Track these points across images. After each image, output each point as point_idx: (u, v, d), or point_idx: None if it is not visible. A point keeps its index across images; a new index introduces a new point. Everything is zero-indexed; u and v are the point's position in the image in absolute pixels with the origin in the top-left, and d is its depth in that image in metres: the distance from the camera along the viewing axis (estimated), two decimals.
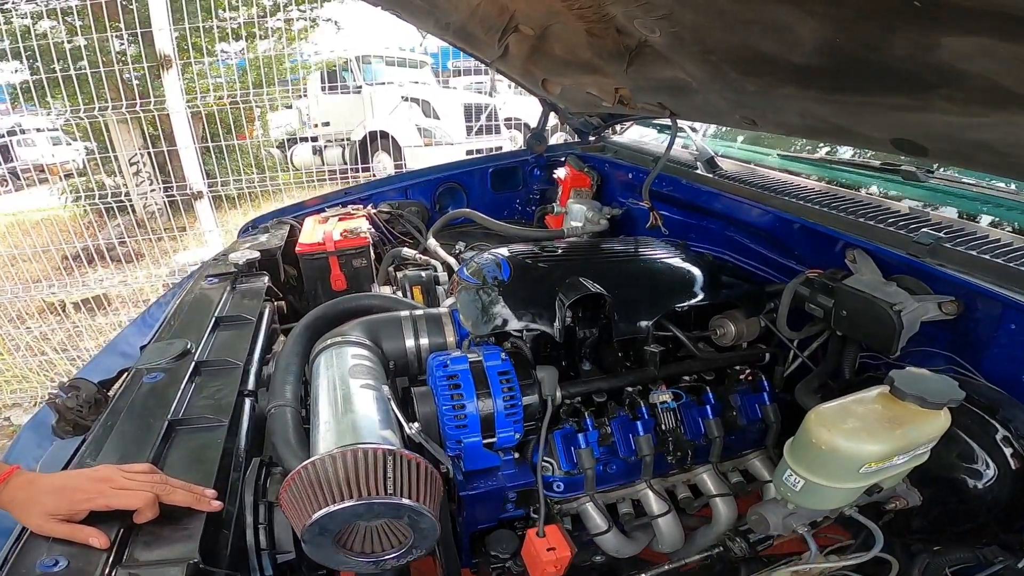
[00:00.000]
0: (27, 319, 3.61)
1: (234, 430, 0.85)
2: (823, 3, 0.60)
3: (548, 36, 1.27)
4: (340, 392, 0.80)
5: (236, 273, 1.31)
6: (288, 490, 0.64)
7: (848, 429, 0.57)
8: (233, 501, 0.75)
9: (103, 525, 0.63)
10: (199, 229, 3.35)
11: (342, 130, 6.31)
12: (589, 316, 0.97)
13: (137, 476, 0.68)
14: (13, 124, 7.65)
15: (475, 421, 0.80)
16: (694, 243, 1.42)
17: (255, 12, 4.24)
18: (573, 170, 1.87)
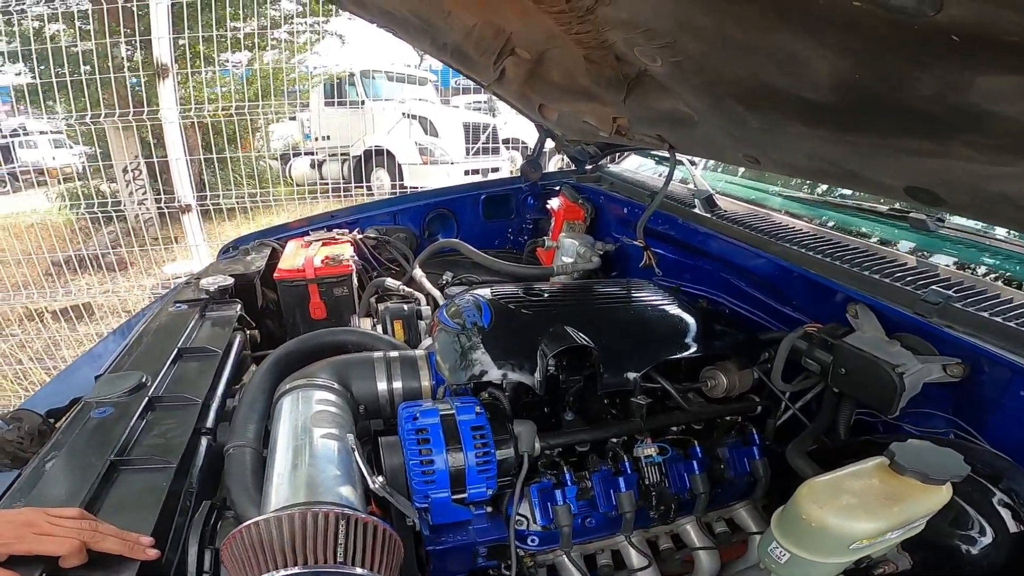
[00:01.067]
0: (6, 326, 3.54)
1: (184, 471, 0.80)
2: (844, 33, 0.56)
3: (545, 61, 1.25)
4: (300, 441, 0.74)
5: (207, 300, 1.25)
6: (229, 548, 0.58)
7: (841, 506, 0.52)
8: (175, 548, 0.69)
9: (23, 568, 0.59)
10: (187, 243, 3.31)
11: (342, 145, 6.31)
12: (574, 365, 0.92)
13: (64, 521, 0.62)
14: (17, 126, 7.68)
15: (444, 477, 0.75)
16: (689, 285, 1.37)
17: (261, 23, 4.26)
18: (567, 201, 1.83)
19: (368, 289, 1.49)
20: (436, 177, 6.28)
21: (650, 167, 2.04)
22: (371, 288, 1.48)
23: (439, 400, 0.84)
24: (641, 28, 0.83)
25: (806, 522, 0.53)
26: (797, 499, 0.54)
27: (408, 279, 1.54)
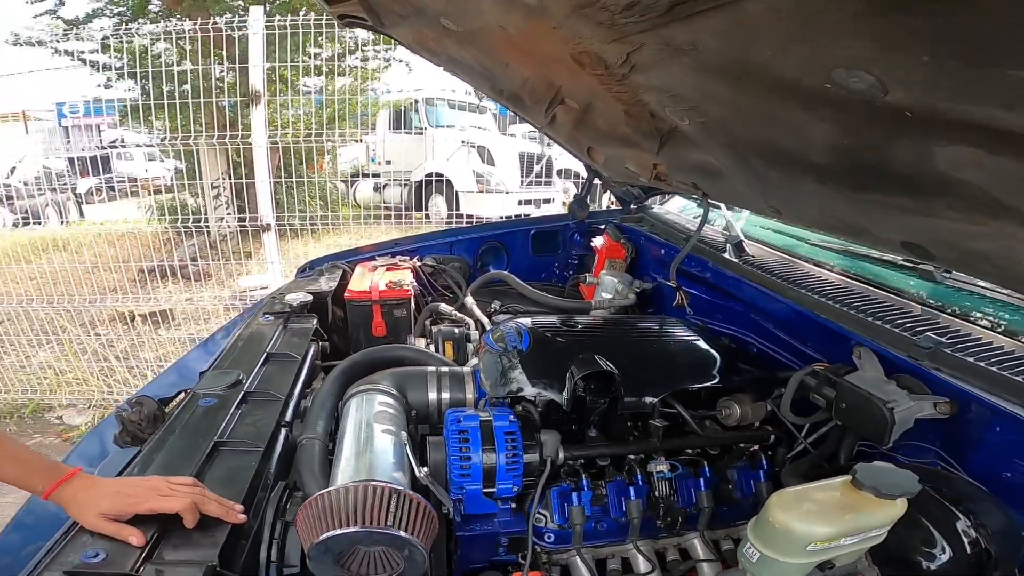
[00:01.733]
0: (97, 326, 3.91)
1: (267, 455, 0.97)
2: (829, 108, 0.65)
3: (592, 110, 1.38)
4: (364, 434, 0.92)
5: (289, 313, 1.46)
6: (304, 512, 0.74)
7: (802, 512, 0.63)
8: (256, 517, 0.85)
9: (143, 526, 0.74)
10: (263, 258, 3.59)
11: (403, 170, 6.57)
12: (600, 389, 1.05)
13: (180, 487, 0.79)
14: (116, 137, 8.43)
15: (478, 472, 0.90)
16: (719, 324, 1.48)
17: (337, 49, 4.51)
18: (610, 240, 1.96)
19: (424, 312, 1.66)
20: (491, 206, 6.45)
21: (692, 209, 2.15)
22: (427, 311, 1.66)
23: (480, 409, 1.00)
24: (668, 93, 0.96)
25: (772, 524, 0.64)
26: (768, 504, 0.65)
27: (460, 305, 1.71)
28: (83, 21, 5.59)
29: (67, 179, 6.95)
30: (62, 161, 7.03)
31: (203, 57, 3.94)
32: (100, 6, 5.62)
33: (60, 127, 10.09)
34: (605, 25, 0.75)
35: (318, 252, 4.07)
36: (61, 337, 3.71)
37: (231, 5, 5.23)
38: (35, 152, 7.82)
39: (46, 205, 6.69)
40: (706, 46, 0.67)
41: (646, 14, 0.65)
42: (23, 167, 7.08)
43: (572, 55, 1.00)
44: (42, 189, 6.55)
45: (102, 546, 0.71)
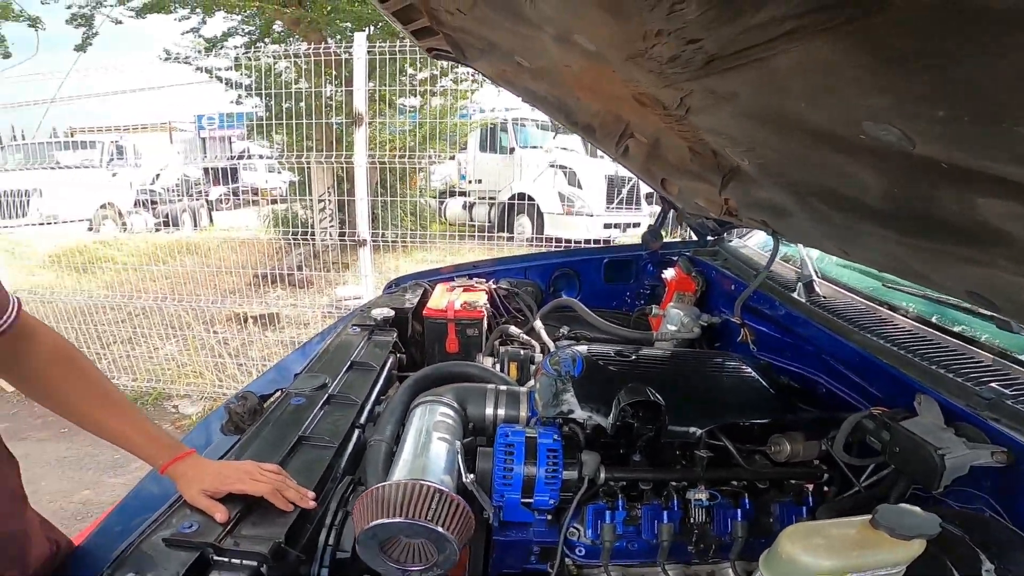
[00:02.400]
0: (216, 324, 4.31)
1: (340, 452, 1.08)
2: (871, 156, 0.65)
3: (660, 145, 1.39)
4: (422, 439, 1.02)
5: (374, 326, 1.61)
6: (361, 501, 0.84)
7: (810, 545, 0.63)
8: (322, 505, 0.95)
9: (230, 504, 0.86)
10: (359, 270, 3.86)
11: (491, 189, 6.76)
12: (646, 417, 1.09)
13: (267, 473, 0.91)
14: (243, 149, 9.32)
15: (518, 481, 0.98)
16: (786, 362, 1.44)
17: (431, 71, 4.76)
18: (681, 272, 1.95)
19: (495, 333, 1.76)
20: (576, 228, 6.44)
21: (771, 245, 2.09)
22: (497, 332, 1.75)
23: (530, 427, 1.07)
24: (724, 135, 0.99)
25: (779, 555, 0.65)
26: (780, 535, 0.67)
27: (529, 329, 1.79)
28: (220, 40, 6.19)
29: (202, 187, 7.86)
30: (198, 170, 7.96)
31: (316, 77, 4.25)
32: (234, 25, 6.21)
33: (198, 138, 11.29)
34: (655, 73, 0.81)
35: (408, 266, 4.34)
36: (185, 333, 4.14)
37: (340, 28, 5.64)
38: (176, 161, 8.91)
39: (183, 211, 7.56)
40: (745, 96, 0.71)
41: (687, 67, 0.70)
42: (166, 174, 8.09)
43: (634, 95, 1.05)
44: (180, 196, 7.44)
45: (196, 519, 0.83)
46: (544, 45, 0.99)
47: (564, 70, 1.16)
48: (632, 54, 0.77)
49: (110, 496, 2.88)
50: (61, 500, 2.86)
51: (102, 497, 2.89)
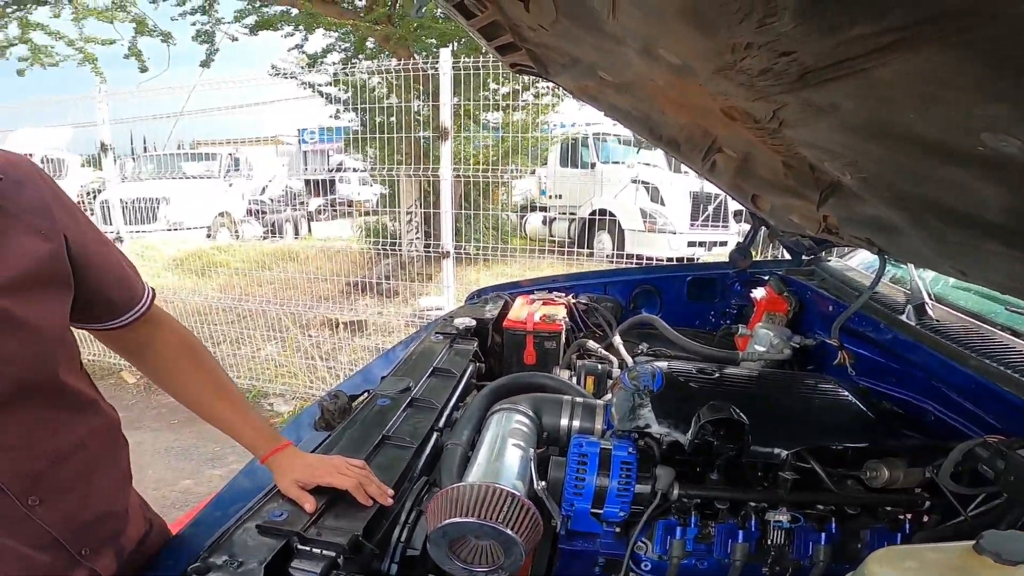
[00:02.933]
0: (311, 329, 4.57)
1: (419, 453, 1.13)
2: (991, 168, 0.60)
3: (750, 159, 1.34)
4: (498, 445, 1.05)
5: (456, 335, 1.67)
6: (435, 500, 0.87)
7: (901, 567, 0.57)
8: (398, 502, 0.99)
9: (318, 496, 0.91)
10: (441, 281, 3.97)
11: (571, 205, 6.67)
12: (728, 435, 1.05)
13: (353, 468, 0.97)
14: (339, 162, 9.92)
15: (589, 492, 0.98)
16: (889, 387, 1.34)
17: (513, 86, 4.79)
18: (772, 292, 1.86)
19: (572, 347, 1.76)
20: (658, 246, 6.27)
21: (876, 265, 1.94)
22: (575, 346, 1.75)
23: (604, 439, 1.06)
24: (822, 149, 0.94)
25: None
26: (869, 558, 0.61)
27: (607, 344, 1.78)
28: (320, 56, 6.57)
29: (303, 198, 8.46)
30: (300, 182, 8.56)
31: (405, 92, 4.42)
32: (332, 42, 6.58)
33: (300, 151, 12.11)
34: (745, 86, 0.79)
35: (488, 279, 4.42)
36: (284, 335, 4.44)
37: (426, 44, 5.84)
38: (282, 173, 9.64)
39: (286, 220, 8.17)
40: (846, 107, 0.68)
41: (780, 79, 0.68)
42: (273, 186, 8.78)
43: (722, 109, 1.03)
44: (284, 206, 8.05)
45: (286, 508, 0.90)
46: (627, 59, 0.99)
47: (648, 84, 1.15)
48: (720, 67, 0.76)
49: (207, 487, 3.11)
50: (164, 488, 3.12)
51: (201, 487, 3.13)
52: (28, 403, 0.77)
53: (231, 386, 1.03)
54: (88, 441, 0.87)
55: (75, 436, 0.85)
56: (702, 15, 0.60)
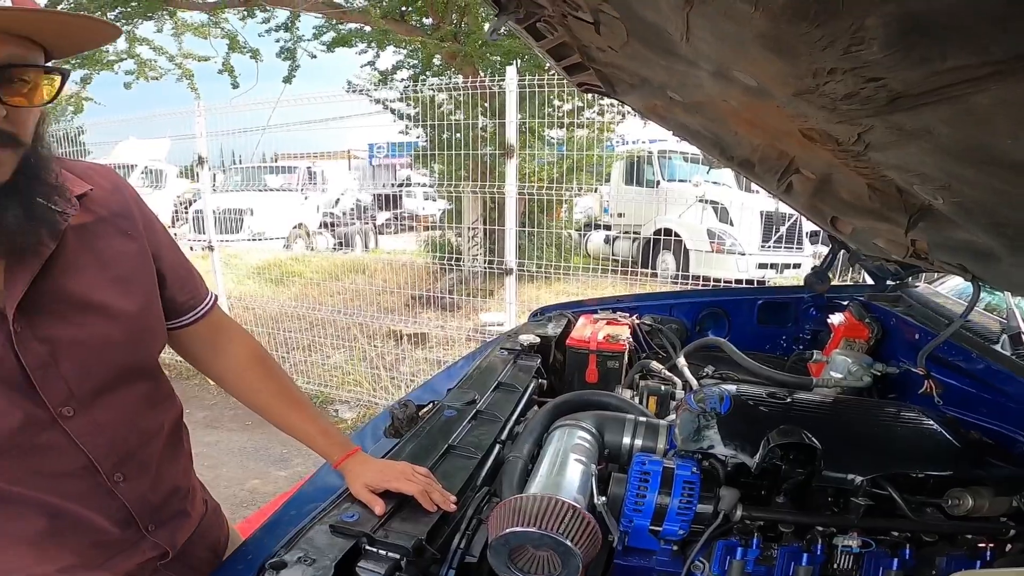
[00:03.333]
0: (376, 339, 4.70)
1: (482, 463, 1.16)
2: None
3: (831, 181, 1.30)
4: (559, 459, 1.06)
5: (519, 351, 1.70)
6: (498, 510, 0.89)
7: None
8: (460, 510, 1.02)
9: (387, 500, 0.95)
10: (503, 298, 4.00)
11: (634, 223, 6.46)
12: (798, 460, 1.02)
13: (419, 475, 1.01)
14: (405, 177, 10.23)
15: (649, 509, 0.98)
16: (979, 417, 1.26)
17: (576, 103, 4.79)
18: (852, 318, 1.78)
19: (635, 367, 1.74)
20: (725, 267, 6.03)
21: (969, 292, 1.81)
22: (638, 367, 1.73)
23: (667, 458, 1.06)
24: (912, 172, 0.90)
25: None
26: None
27: (671, 366, 1.75)
28: (390, 73, 6.77)
29: (371, 211, 8.79)
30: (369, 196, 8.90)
31: (471, 108, 4.52)
32: (401, 58, 6.78)
33: (371, 166, 12.55)
34: (828, 109, 0.77)
35: (548, 297, 4.44)
36: (351, 345, 4.61)
37: (491, 61, 5.95)
38: (353, 187, 10.04)
39: (356, 233, 8.51)
40: (939, 132, 0.65)
41: (866, 104, 0.67)
42: (344, 199, 9.17)
43: (801, 130, 1.01)
44: (354, 219, 8.39)
45: (357, 510, 0.94)
46: (699, 80, 0.99)
47: (721, 104, 1.15)
48: (800, 90, 0.75)
49: (273, 487, 3.25)
50: (234, 487, 3.27)
51: (267, 487, 3.27)
52: (126, 387, 0.86)
53: (301, 395, 1.09)
54: (167, 424, 0.95)
55: (159, 419, 0.93)
56: (782, 41, 0.60)
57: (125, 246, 0.87)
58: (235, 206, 6.71)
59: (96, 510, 0.83)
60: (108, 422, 0.82)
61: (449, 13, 5.93)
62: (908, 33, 0.46)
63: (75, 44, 0.75)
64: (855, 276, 3.06)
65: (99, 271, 0.82)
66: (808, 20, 0.50)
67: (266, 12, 6.27)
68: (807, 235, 6.04)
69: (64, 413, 0.77)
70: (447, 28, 5.80)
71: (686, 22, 0.68)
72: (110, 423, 0.83)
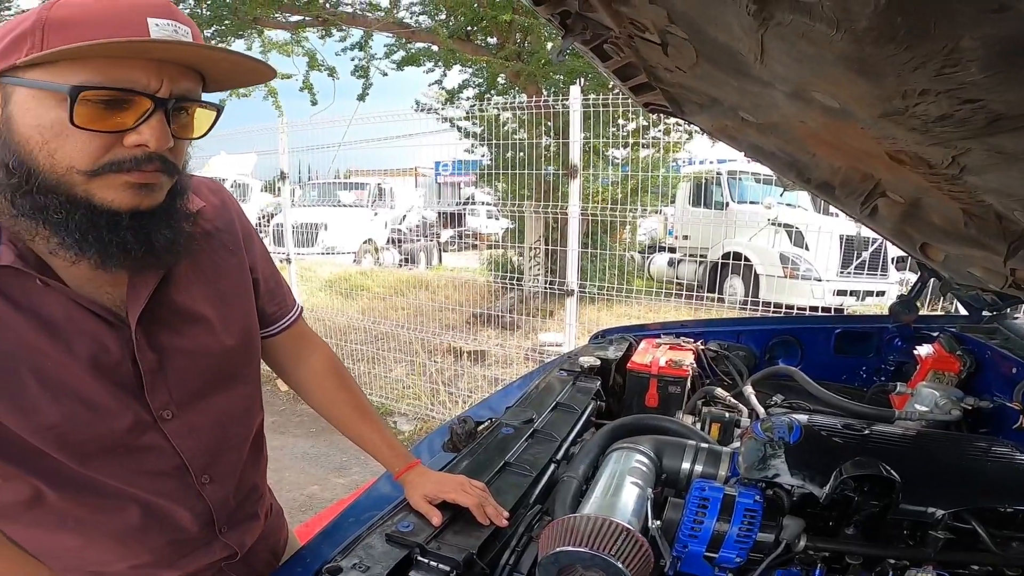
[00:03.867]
0: (436, 354, 4.80)
1: (536, 482, 1.16)
2: None
3: (921, 205, 1.23)
4: (615, 481, 1.05)
5: (579, 373, 1.69)
6: (550, 528, 0.88)
7: None
8: (512, 526, 1.03)
9: (443, 511, 0.97)
10: (562, 318, 3.98)
11: (700, 246, 6.27)
12: (872, 492, 0.97)
13: (475, 489, 1.02)
14: (469, 195, 10.41)
15: (706, 535, 0.94)
16: None
17: (641, 122, 4.74)
18: (941, 350, 1.65)
19: (698, 393, 1.68)
20: (799, 294, 5.72)
21: None
22: (701, 392, 1.68)
23: (728, 485, 1.02)
24: (1014, 197, 0.84)
25: None
26: None
27: (737, 393, 1.68)
28: (456, 91, 6.88)
29: (436, 229, 9.00)
30: (433, 213, 9.12)
31: (535, 127, 4.56)
32: (467, 77, 6.90)
33: (436, 183, 12.82)
34: (919, 131, 0.73)
35: (608, 319, 4.37)
36: (412, 359, 4.72)
37: (554, 80, 5.95)
38: (419, 204, 10.32)
39: (420, 250, 8.73)
40: None
41: (962, 126, 0.63)
42: (411, 216, 9.44)
43: (888, 152, 0.96)
44: (419, 236, 8.62)
45: (413, 521, 0.96)
46: (774, 101, 0.96)
47: (798, 126, 1.11)
48: (887, 112, 0.71)
49: (331, 494, 3.34)
50: (295, 491, 3.39)
51: (326, 493, 3.37)
52: (220, 394, 0.91)
53: (370, 406, 1.14)
54: (253, 430, 1.01)
55: (248, 425, 0.99)
56: (867, 63, 0.57)
57: (228, 261, 0.92)
58: (310, 220, 7.04)
59: (183, 509, 0.88)
60: (201, 426, 0.88)
61: (513, 33, 6.04)
62: (1010, 54, 0.43)
63: (234, 81, 0.78)
64: (946, 306, 2.83)
65: (204, 285, 0.89)
66: (896, 42, 0.48)
67: (342, 31, 6.61)
68: (892, 261, 5.66)
69: (164, 416, 0.84)
70: (511, 48, 5.92)
71: (760, 44, 0.67)
72: (203, 427, 0.88)
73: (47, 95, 0.65)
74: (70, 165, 0.67)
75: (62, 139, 0.66)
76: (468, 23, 6.01)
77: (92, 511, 0.82)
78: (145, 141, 0.67)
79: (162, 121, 0.68)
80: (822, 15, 0.49)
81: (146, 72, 0.66)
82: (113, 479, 0.81)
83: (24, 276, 0.72)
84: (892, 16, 0.44)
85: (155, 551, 0.87)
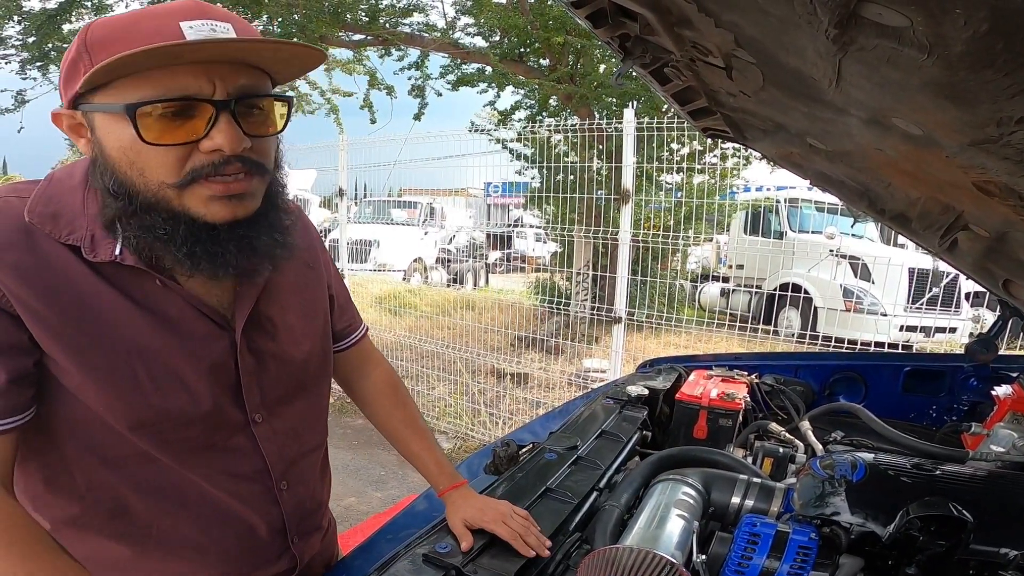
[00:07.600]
0: (478, 375, 4.79)
1: (577, 509, 1.13)
2: None
3: (1007, 240, 1.15)
4: (660, 513, 1.02)
5: (626, 401, 1.65)
6: (591, 558, 0.85)
7: None
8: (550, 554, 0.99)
9: (479, 536, 0.95)
10: (608, 345, 3.91)
11: (755, 276, 5.92)
12: (940, 532, 0.90)
13: (517, 517, 0.99)
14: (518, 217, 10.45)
15: (755, 572, 0.88)
16: None
17: (695, 147, 4.58)
18: (1021, 391, 1.52)
19: (751, 426, 1.61)
20: (860, 328, 5.32)
21: None
22: (753, 426, 1.60)
23: (781, 522, 0.96)
24: None
25: None
26: None
27: (792, 428, 1.59)
28: (509, 113, 6.99)
29: (483, 250, 9.06)
30: (482, 234, 9.21)
31: (586, 150, 4.50)
32: (519, 99, 7.00)
33: (486, 204, 12.93)
34: (1013, 160, 0.68)
35: (655, 347, 4.27)
36: (456, 379, 4.74)
37: (606, 103, 5.94)
38: (468, 224, 10.43)
39: (467, 271, 8.80)
40: None
41: None
42: (460, 236, 9.55)
43: (975, 183, 0.90)
44: (467, 256, 8.71)
45: (451, 542, 0.94)
46: (847, 128, 0.92)
47: (873, 154, 1.05)
48: (978, 140, 0.67)
49: (368, 507, 3.33)
50: (333, 502, 3.40)
51: (362, 506, 3.37)
52: (302, 401, 0.94)
53: (424, 425, 1.14)
54: (324, 440, 1.03)
55: (320, 434, 1.02)
56: (959, 89, 0.54)
57: (309, 276, 0.96)
58: (364, 237, 7.24)
59: (260, 515, 0.89)
60: (282, 431, 0.91)
61: (565, 55, 6.08)
62: None
63: (294, 70, 0.77)
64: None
65: (291, 296, 0.92)
66: (994, 68, 0.44)
67: (400, 51, 6.83)
68: (968, 297, 5.28)
69: (256, 419, 0.86)
70: (563, 70, 5.94)
71: (837, 69, 0.64)
72: (283, 432, 0.91)
73: (117, 117, 0.66)
74: (160, 180, 0.69)
75: (144, 157, 0.68)
76: (520, 44, 6.09)
77: (174, 520, 0.83)
78: (218, 145, 0.67)
79: (230, 122, 0.67)
80: (912, 40, 0.47)
81: (195, 77, 0.65)
82: (200, 477, 0.83)
83: (144, 276, 0.74)
84: (992, 41, 0.41)
85: (228, 560, 0.88)
